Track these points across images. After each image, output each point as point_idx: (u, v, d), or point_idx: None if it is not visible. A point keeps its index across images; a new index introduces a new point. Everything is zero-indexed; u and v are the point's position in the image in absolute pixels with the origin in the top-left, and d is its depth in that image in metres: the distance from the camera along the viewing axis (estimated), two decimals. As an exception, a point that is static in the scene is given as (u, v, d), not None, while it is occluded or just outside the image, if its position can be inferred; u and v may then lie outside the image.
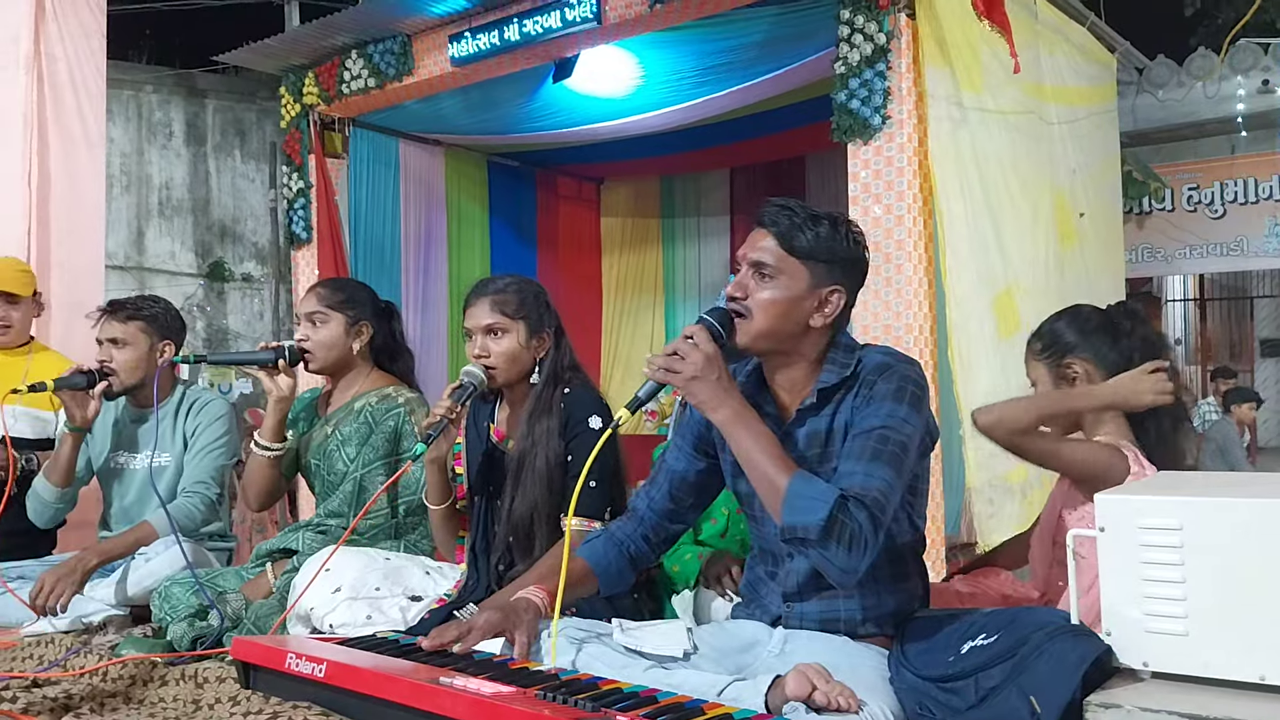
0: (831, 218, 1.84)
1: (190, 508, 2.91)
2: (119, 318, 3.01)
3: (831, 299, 1.82)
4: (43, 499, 3.02)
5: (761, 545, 2.00)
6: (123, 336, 2.99)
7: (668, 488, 2.07)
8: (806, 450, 1.84)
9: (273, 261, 10.55)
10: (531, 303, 2.44)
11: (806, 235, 1.79)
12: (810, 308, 1.81)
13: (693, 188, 7.86)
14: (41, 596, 2.63)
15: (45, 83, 4.43)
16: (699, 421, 2.04)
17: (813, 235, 1.79)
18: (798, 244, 1.79)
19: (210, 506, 2.95)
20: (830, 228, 1.81)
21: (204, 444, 3.03)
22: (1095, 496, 1.55)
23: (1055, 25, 5.05)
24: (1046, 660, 1.47)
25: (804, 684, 1.54)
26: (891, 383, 1.77)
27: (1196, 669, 1.44)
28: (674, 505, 2.07)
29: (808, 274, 1.80)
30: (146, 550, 2.84)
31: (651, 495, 2.09)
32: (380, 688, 1.62)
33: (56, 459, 2.99)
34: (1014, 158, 4.47)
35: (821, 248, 1.79)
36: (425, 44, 5.25)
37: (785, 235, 1.80)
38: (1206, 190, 7.63)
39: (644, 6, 4.50)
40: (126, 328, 3.00)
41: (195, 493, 2.94)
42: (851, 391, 1.82)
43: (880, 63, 3.90)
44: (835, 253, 1.81)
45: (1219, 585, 1.42)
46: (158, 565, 2.76)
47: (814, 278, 1.80)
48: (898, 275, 3.96)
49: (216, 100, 10.37)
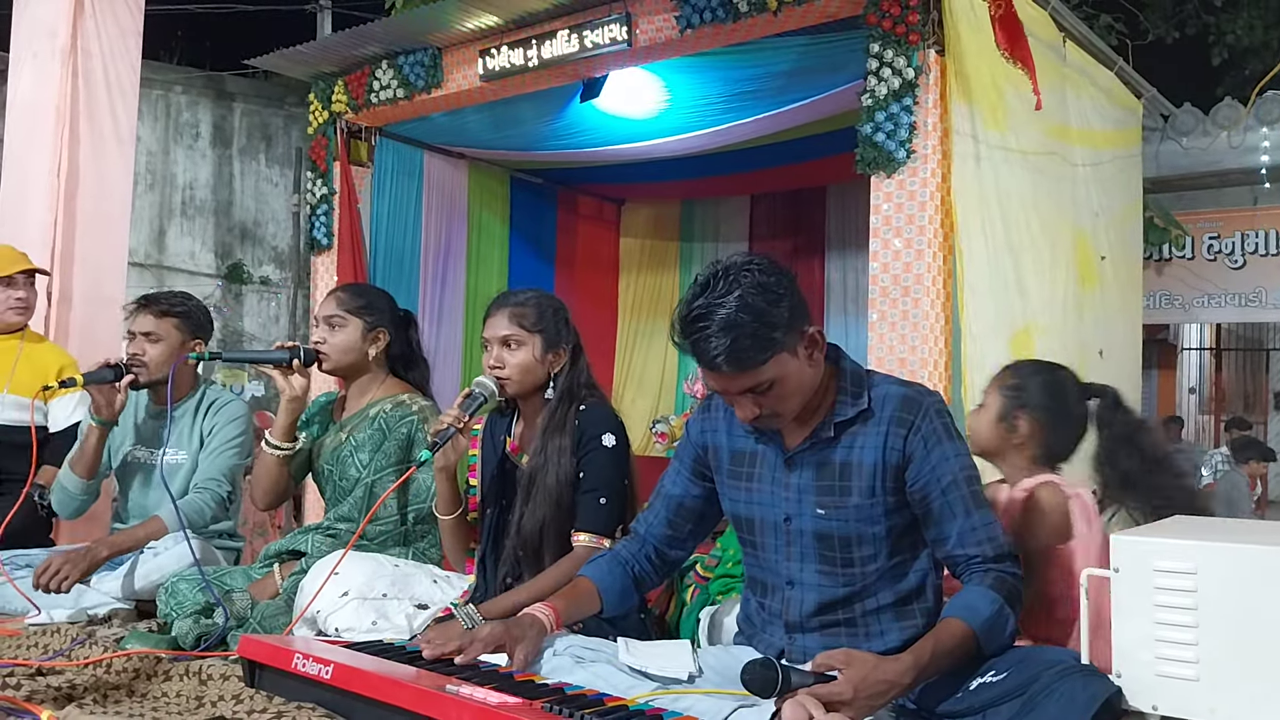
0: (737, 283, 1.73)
1: (201, 504, 2.92)
2: (154, 312, 3.02)
3: (813, 344, 1.80)
4: (68, 490, 3.01)
5: (755, 575, 1.99)
6: (156, 331, 3.00)
7: (665, 514, 2.07)
8: (817, 481, 1.84)
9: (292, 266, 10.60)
10: (550, 317, 2.45)
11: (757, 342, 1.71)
12: (806, 367, 1.79)
13: (713, 213, 7.87)
14: (46, 575, 2.64)
15: (80, 78, 4.48)
16: (696, 444, 2.04)
17: (760, 337, 1.70)
18: (758, 355, 1.71)
19: (221, 503, 2.96)
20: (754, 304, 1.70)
21: (219, 443, 3.04)
22: (1111, 537, 1.55)
23: (1082, 68, 5.06)
24: (1056, 700, 1.47)
25: (800, 713, 1.54)
26: (934, 421, 1.80)
27: (1205, 714, 1.43)
28: (672, 531, 2.07)
29: (784, 354, 1.74)
30: (155, 545, 2.84)
31: (650, 521, 2.09)
32: (386, 692, 1.62)
33: (82, 451, 2.99)
34: (1036, 197, 4.47)
35: (776, 332, 1.72)
36: (455, 58, 5.29)
37: (741, 358, 1.70)
38: (1227, 240, 7.61)
39: (674, 31, 4.53)
40: (161, 323, 3.01)
41: (206, 489, 2.95)
42: (870, 424, 1.82)
43: (907, 97, 3.91)
44: (779, 321, 1.72)
45: (1231, 631, 1.41)
46: (166, 560, 2.76)
47: (788, 348, 1.75)
48: (915, 309, 3.96)
49: (244, 104, 10.45)
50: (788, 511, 1.86)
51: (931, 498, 1.76)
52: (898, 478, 1.80)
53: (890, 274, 3.96)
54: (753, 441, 1.94)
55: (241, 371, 9.38)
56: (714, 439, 2.00)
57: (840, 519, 1.81)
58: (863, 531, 1.79)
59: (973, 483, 1.78)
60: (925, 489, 1.77)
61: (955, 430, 1.82)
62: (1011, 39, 3.80)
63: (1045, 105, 4.58)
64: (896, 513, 1.82)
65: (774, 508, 1.88)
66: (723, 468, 1.98)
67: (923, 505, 1.78)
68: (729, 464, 1.97)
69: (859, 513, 1.81)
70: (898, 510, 1.81)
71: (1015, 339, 4.17)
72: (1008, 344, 4.15)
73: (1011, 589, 1.72)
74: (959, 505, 1.75)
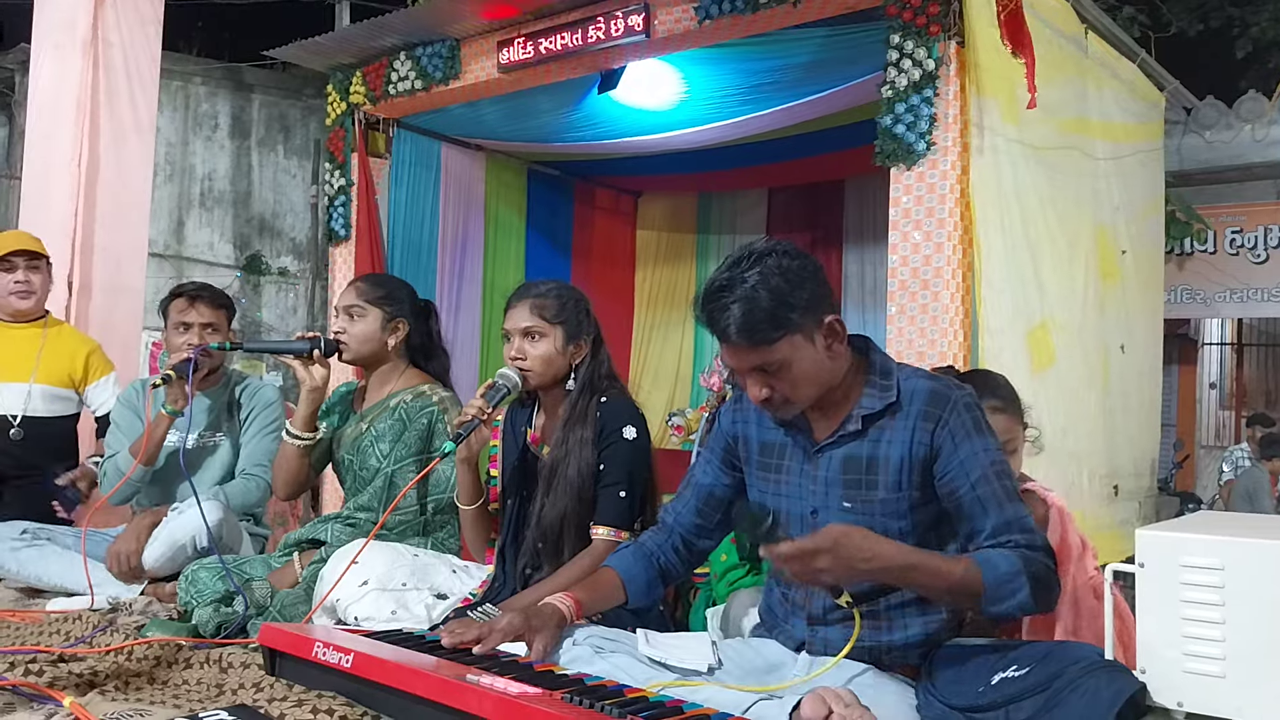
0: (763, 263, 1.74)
1: (248, 489, 3.06)
2: (210, 303, 3.09)
3: (832, 334, 1.78)
4: (130, 478, 2.99)
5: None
6: (215, 322, 3.09)
7: (695, 503, 2.07)
8: (843, 474, 1.83)
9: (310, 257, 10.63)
10: (571, 309, 2.44)
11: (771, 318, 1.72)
12: (822, 356, 1.78)
13: (730, 205, 7.85)
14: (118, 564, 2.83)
15: (100, 69, 4.50)
16: (727, 434, 2.03)
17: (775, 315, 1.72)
18: (770, 331, 1.73)
19: (267, 489, 3.06)
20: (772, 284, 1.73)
21: (260, 427, 3.14)
22: (1136, 532, 1.54)
23: (1104, 61, 5.02)
24: (1080, 696, 1.45)
25: (820, 707, 1.53)
26: (964, 415, 1.78)
27: (1232, 712, 1.42)
28: (701, 521, 2.07)
29: (798, 336, 1.74)
30: (180, 505, 2.86)
31: (679, 510, 2.09)
32: (406, 681, 1.62)
33: (151, 439, 2.99)
34: (1052, 192, 4.44)
35: (792, 313, 1.73)
36: (473, 49, 5.28)
37: (753, 331, 1.73)
38: (1250, 234, 7.54)
39: (692, 22, 4.51)
40: (218, 314, 3.11)
41: (254, 476, 3.08)
42: (897, 418, 1.80)
43: (928, 89, 3.88)
44: (797, 303, 1.73)
45: (1259, 628, 1.40)
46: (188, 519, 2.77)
47: (803, 332, 1.75)
48: (934, 303, 3.94)
49: (263, 95, 10.48)
50: (814, 505, 1.86)
51: (961, 492, 1.75)
52: (925, 472, 1.78)
53: (909, 267, 3.94)
54: (781, 434, 1.93)
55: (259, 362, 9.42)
56: (744, 430, 1.99)
57: (866, 513, 1.80)
58: (888, 525, 1.77)
59: (1004, 477, 1.75)
60: (954, 483, 1.75)
61: (985, 424, 1.79)
62: (1016, 35, 3.77)
63: (1064, 99, 4.56)
64: (923, 507, 1.80)
65: (801, 500, 1.88)
66: (752, 459, 1.98)
67: (952, 500, 1.76)
68: (758, 455, 1.96)
69: (885, 507, 1.80)
70: (924, 505, 1.80)
71: (1032, 334, 4.15)
72: (1024, 339, 4.13)
73: (1039, 569, 1.67)
74: (991, 500, 1.73)
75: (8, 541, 2.93)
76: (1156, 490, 5.71)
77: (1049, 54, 4.35)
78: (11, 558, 2.90)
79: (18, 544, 2.93)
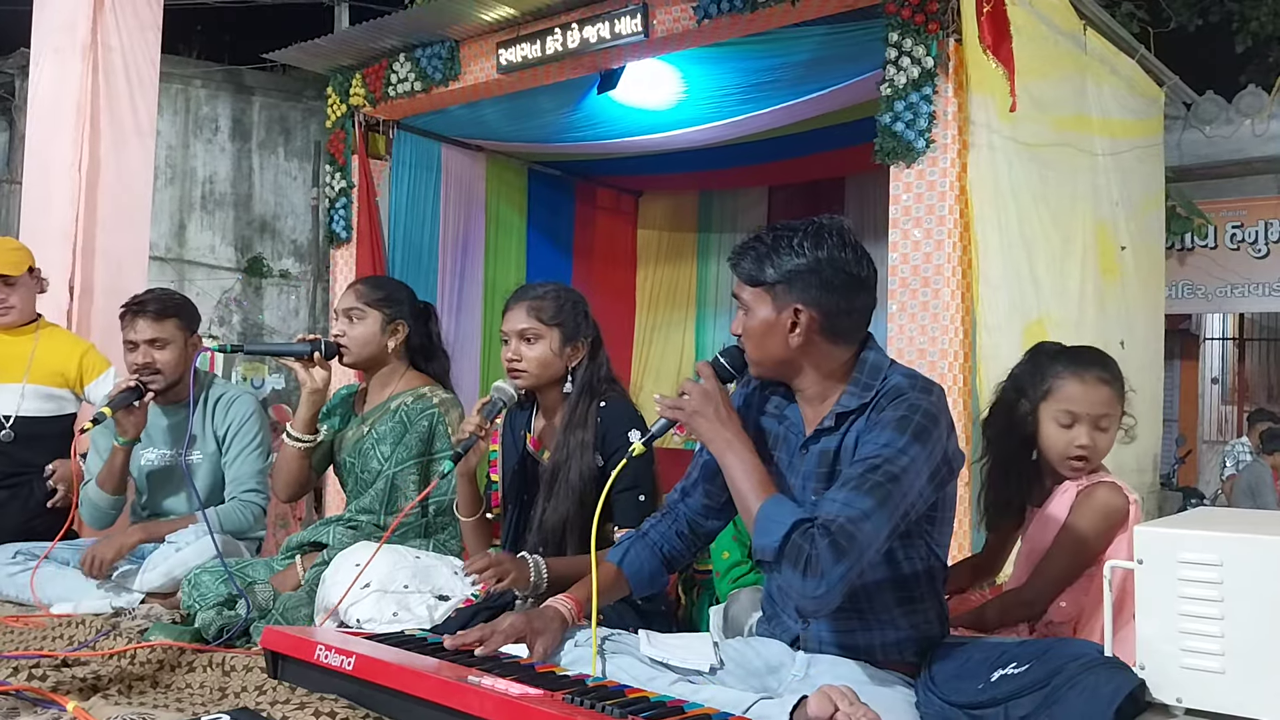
0: (804, 230, 1.82)
1: (241, 515, 2.98)
2: (152, 316, 2.96)
3: (799, 318, 1.80)
4: (98, 506, 3.02)
5: None
6: (162, 335, 2.96)
7: (703, 482, 2.07)
8: (817, 468, 1.84)
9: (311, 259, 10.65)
10: (568, 311, 2.45)
11: (765, 265, 1.81)
12: (783, 331, 1.81)
13: (730, 204, 7.86)
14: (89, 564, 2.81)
15: (100, 71, 4.50)
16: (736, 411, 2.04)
17: (771, 262, 1.81)
18: (758, 275, 1.82)
19: (262, 514, 3.01)
20: (791, 247, 1.80)
21: (243, 445, 3.04)
22: (1135, 529, 1.54)
23: (1103, 57, 5.02)
24: (1079, 692, 1.46)
25: (826, 704, 1.54)
26: (898, 410, 1.73)
27: (1231, 708, 1.42)
28: (708, 500, 2.07)
29: (770, 300, 1.82)
30: (176, 539, 2.86)
31: (687, 490, 2.10)
32: (408, 684, 1.63)
33: (111, 469, 2.98)
34: (1045, 190, 4.44)
35: (780, 273, 1.80)
36: (473, 50, 5.29)
37: (747, 270, 1.84)
38: (1250, 229, 7.54)
39: (691, 21, 4.52)
40: (164, 325, 2.97)
41: (249, 501, 3.00)
42: (868, 414, 1.80)
43: (927, 86, 3.88)
44: (786, 271, 1.80)
45: (1258, 624, 1.40)
46: (189, 554, 2.78)
47: (776, 301, 1.81)
48: (934, 300, 3.94)
49: (263, 97, 10.50)
50: (796, 497, 1.86)
51: (845, 470, 1.74)
52: None
53: (910, 265, 3.95)
54: (778, 425, 1.95)
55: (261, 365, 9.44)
56: (748, 414, 2.00)
57: None
58: None
59: (873, 471, 1.66)
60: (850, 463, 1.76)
61: (916, 428, 1.70)
62: (996, 37, 3.75)
63: (1062, 95, 4.55)
64: None
65: (785, 492, 1.88)
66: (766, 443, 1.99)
67: None
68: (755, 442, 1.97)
69: None
70: None
71: (1029, 331, 4.15)
72: (1021, 336, 4.13)
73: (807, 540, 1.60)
74: (844, 478, 1.70)
75: (3, 567, 2.92)
76: (1159, 486, 5.71)
77: (1047, 51, 4.36)
78: (9, 582, 2.89)
79: (13, 568, 2.92)
